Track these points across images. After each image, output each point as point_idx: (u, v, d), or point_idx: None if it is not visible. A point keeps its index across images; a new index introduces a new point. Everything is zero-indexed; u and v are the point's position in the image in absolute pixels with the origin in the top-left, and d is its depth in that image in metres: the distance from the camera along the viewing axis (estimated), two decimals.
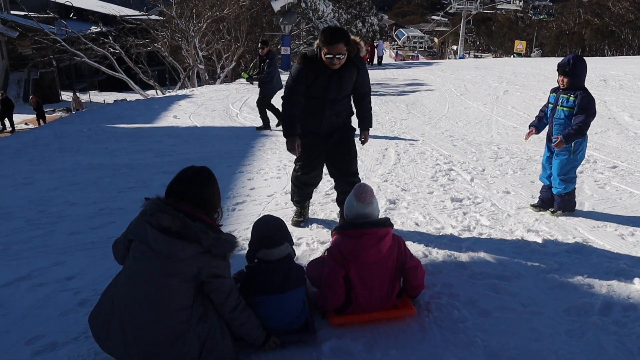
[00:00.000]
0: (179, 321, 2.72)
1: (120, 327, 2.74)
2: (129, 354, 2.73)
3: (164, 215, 2.70)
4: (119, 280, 2.85)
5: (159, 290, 2.70)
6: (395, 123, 11.28)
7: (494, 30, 78.00)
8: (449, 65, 29.14)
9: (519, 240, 4.60)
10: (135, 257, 2.79)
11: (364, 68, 4.59)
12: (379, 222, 3.33)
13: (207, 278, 2.76)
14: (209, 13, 25.19)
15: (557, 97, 5.02)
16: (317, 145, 4.72)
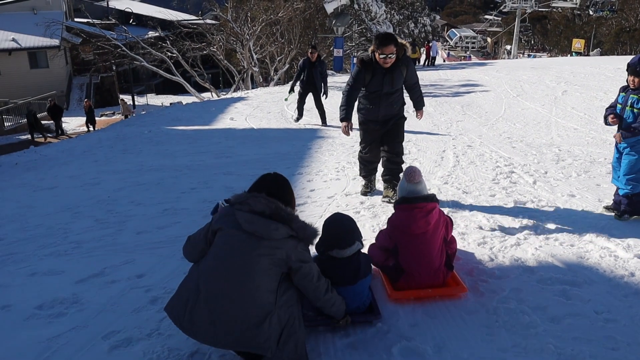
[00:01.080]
0: (267, 301, 2.80)
1: (207, 308, 2.79)
2: (216, 334, 2.77)
3: (257, 200, 2.87)
4: (204, 267, 2.91)
5: (250, 268, 2.79)
6: (452, 124, 11.16)
7: (549, 29, 75.93)
8: (504, 65, 28.56)
9: (588, 244, 4.48)
10: (224, 241, 2.88)
11: (411, 65, 5.63)
12: (427, 197, 3.80)
13: (295, 263, 2.88)
14: (264, 16, 25.53)
15: (627, 97, 4.81)
16: (376, 130, 5.77)
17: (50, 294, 3.99)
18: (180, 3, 30.61)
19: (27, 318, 3.67)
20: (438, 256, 3.69)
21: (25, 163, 11.16)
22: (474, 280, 3.87)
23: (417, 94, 5.92)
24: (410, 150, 8.51)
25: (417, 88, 5.90)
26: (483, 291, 3.70)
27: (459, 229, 4.93)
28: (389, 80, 5.45)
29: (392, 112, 5.68)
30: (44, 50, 32.38)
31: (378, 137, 5.81)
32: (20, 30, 33.03)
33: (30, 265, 4.66)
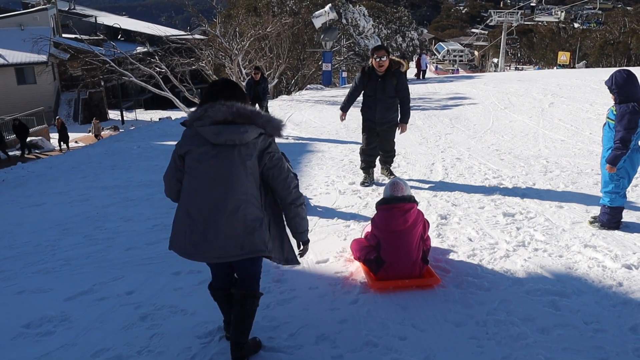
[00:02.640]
0: (256, 207, 2.86)
1: (205, 228, 2.81)
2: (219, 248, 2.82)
3: (216, 110, 2.79)
4: (189, 192, 2.88)
5: (235, 179, 2.80)
6: (440, 137, 11.22)
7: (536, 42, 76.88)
8: (491, 78, 28.80)
9: (577, 255, 4.52)
10: (199, 161, 2.84)
11: (402, 78, 6.74)
12: (404, 198, 4.15)
13: (267, 155, 2.87)
14: (252, 31, 25.61)
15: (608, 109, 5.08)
16: (373, 128, 6.96)
17: (38, 312, 3.95)
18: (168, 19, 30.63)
19: (14, 337, 3.63)
20: (415, 250, 4.06)
21: (12, 180, 11.08)
22: (463, 292, 3.89)
23: (404, 107, 6.87)
24: (399, 163, 8.54)
25: (406, 102, 6.84)
26: (472, 303, 3.71)
27: (448, 241, 4.95)
28: (382, 87, 6.61)
29: (387, 116, 6.82)
30: (32, 66, 32.29)
31: (375, 134, 7.01)
32: (7, 46, 32.92)
33: (18, 283, 4.61)
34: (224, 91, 2.90)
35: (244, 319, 3.05)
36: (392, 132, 7.04)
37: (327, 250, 4.83)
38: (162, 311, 3.83)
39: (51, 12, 39.30)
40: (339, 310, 3.71)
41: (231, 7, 32.72)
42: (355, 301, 3.84)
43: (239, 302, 3.05)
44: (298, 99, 22.05)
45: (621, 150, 4.77)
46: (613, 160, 4.83)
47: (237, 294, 3.07)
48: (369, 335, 3.35)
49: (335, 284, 4.15)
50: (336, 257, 4.68)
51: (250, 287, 3.09)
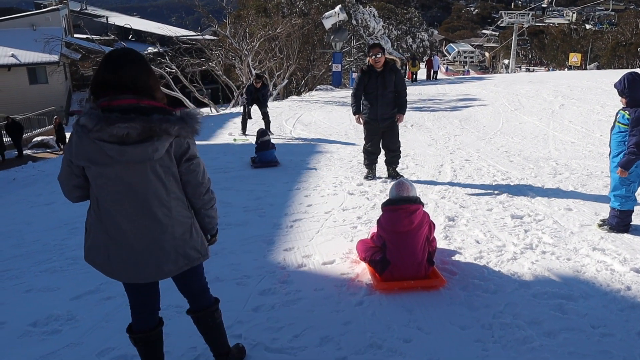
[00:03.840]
0: (183, 209, 2.62)
1: (130, 251, 2.55)
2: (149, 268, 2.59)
3: (115, 127, 2.30)
4: (104, 211, 2.53)
5: (154, 194, 2.50)
6: (449, 139, 11.18)
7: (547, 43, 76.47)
8: (502, 79, 28.68)
9: (584, 258, 4.48)
10: (107, 178, 2.46)
11: (399, 73, 7.13)
12: (410, 199, 4.14)
13: (182, 163, 2.55)
14: (262, 32, 25.64)
15: (617, 113, 5.01)
16: (375, 127, 7.26)
17: (45, 311, 3.98)
18: (179, 19, 30.78)
19: (21, 335, 3.66)
20: (421, 251, 4.06)
21: (23, 179, 11.17)
22: (469, 295, 3.86)
23: (401, 100, 7.18)
24: (407, 164, 8.52)
25: (404, 95, 7.19)
26: (478, 306, 3.69)
27: (455, 243, 4.93)
28: (382, 82, 6.97)
29: (388, 112, 7.12)
30: (43, 66, 32.50)
31: (377, 132, 7.30)
32: (19, 46, 33.18)
33: (26, 282, 4.65)
34: (125, 78, 2.40)
35: (216, 331, 2.96)
36: (395, 129, 7.34)
37: (334, 251, 4.83)
38: (168, 311, 3.83)
39: (63, 12, 39.60)
40: (343, 312, 3.70)
41: (241, 8, 32.78)
42: (360, 303, 3.82)
43: (204, 322, 2.91)
44: (308, 99, 22.06)
45: (636, 155, 4.71)
46: (626, 165, 4.78)
47: (198, 317, 2.90)
48: (373, 337, 3.34)
49: (341, 285, 4.14)
50: (342, 258, 4.67)
51: (205, 303, 2.90)
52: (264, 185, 7.65)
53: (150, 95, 2.46)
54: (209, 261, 4.67)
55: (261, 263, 4.67)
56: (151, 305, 2.84)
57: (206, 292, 2.92)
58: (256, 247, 5.06)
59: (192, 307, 2.92)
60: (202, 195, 2.66)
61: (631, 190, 4.96)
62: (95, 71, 2.48)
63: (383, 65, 6.96)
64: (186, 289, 2.87)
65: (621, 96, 4.87)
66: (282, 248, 5.00)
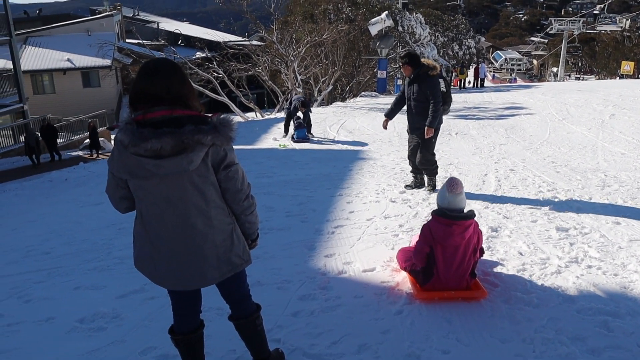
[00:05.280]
0: (225, 222, 2.65)
1: (174, 260, 2.61)
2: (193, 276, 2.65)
3: (149, 142, 2.35)
4: (148, 223, 2.61)
5: (193, 205, 2.55)
6: (494, 148, 11.02)
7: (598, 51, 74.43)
8: (550, 88, 28.10)
9: (633, 274, 4.34)
10: (147, 190, 2.53)
11: (429, 80, 6.73)
12: (467, 215, 3.99)
13: (221, 170, 2.56)
14: (308, 38, 25.85)
15: None
16: (411, 134, 7.17)
17: (91, 308, 4.12)
18: (227, 25, 31.30)
19: (69, 331, 3.80)
20: (467, 264, 3.99)
21: (74, 179, 11.57)
22: (511, 307, 3.80)
23: (431, 109, 6.74)
24: (451, 173, 8.44)
25: (435, 105, 6.73)
26: (520, 319, 3.63)
27: (498, 254, 4.86)
28: (412, 91, 6.86)
29: (416, 122, 6.91)
30: (97, 70, 33.58)
31: (413, 141, 7.15)
32: (75, 51, 34.39)
33: (75, 279, 4.82)
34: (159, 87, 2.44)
35: (257, 337, 2.99)
36: (426, 142, 6.98)
37: (375, 259, 4.83)
38: (209, 313, 3.90)
39: (116, 18, 40.84)
40: (382, 320, 3.70)
41: (288, 14, 33.09)
42: (399, 312, 3.82)
43: (245, 329, 2.95)
44: (352, 105, 22.09)
45: None
46: None
47: (240, 324, 2.94)
48: (411, 347, 3.33)
49: (381, 293, 4.14)
50: (383, 266, 4.66)
51: (248, 310, 2.93)
52: (307, 190, 7.71)
53: (184, 104, 2.49)
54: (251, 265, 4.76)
55: (302, 268, 4.71)
56: (193, 308, 2.91)
57: (248, 299, 2.95)
58: (297, 252, 5.11)
59: (233, 314, 2.96)
60: (242, 202, 2.68)
61: None
62: (132, 82, 2.53)
63: (412, 73, 6.78)
64: (229, 296, 2.91)
65: None
66: (323, 254, 5.04)
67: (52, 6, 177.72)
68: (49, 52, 34.77)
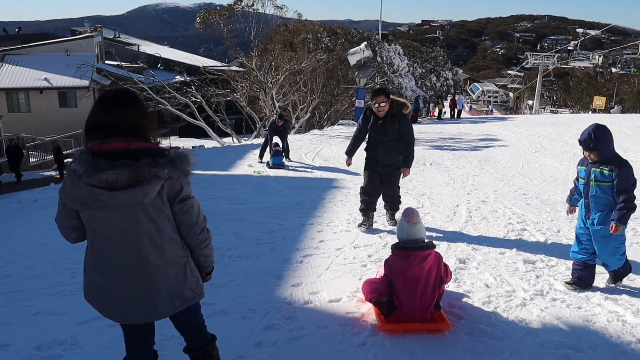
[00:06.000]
0: (178, 249, 2.63)
1: (125, 293, 2.58)
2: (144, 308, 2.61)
3: (104, 174, 2.33)
4: (99, 255, 2.57)
5: (146, 239, 2.52)
6: (468, 179, 11.14)
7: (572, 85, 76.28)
8: (524, 120, 28.60)
9: (596, 307, 4.39)
10: (99, 222, 2.50)
11: (404, 121, 6.51)
12: (423, 245, 4.02)
13: (176, 204, 2.56)
14: (287, 66, 26.04)
15: (588, 171, 4.60)
16: (375, 169, 6.74)
17: (50, 335, 4.02)
18: (207, 50, 31.43)
19: (24, 358, 3.69)
20: (430, 295, 3.99)
21: (44, 200, 11.36)
22: (474, 340, 3.81)
23: (407, 150, 6.68)
24: (423, 204, 8.49)
25: (409, 145, 6.67)
26: (482, 352, 3.63)
27: (464, 286, 4.88)
28: (382, 130, 6.51)
29: (389, 159, 6.65)
30: (74, 90, 33.31)
31: (377, 175, 6.78)
32: (53, 70, 34.09)
33: (35, 304, 4.70)
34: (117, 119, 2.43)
35: None
36: (395, 176, 6.83)
37: (341, 289, 4.80)
38: (171, 342, 3.83)
39: (96, 39, 40.70)
40: (345, 352, 3.67)
41: (268, 42, 33.36)
42: (363, 343, 3.79)
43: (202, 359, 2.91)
44: (329, 133, 22.21)
45: (633, 210, 4.43)
46: (623, 220, 4.41)
47: (195, 356, 2.90)
48: None
49: (346, 324, 4.11)
50: (349, 296, 4.64)
51: (202, 341, 2.90)
52: (279, 218, 7.68)
53: (142, 136, 2.49)
54: (216, 293, 4.71)
55: (268, 297, 4.66)
56: (146, 340, 2.86)
57: (203, 330, 2.92)
58: (264, 281, 5.07)
59: (188, 345, 2.92)
60: (197, 235, 2.67)
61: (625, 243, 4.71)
62: (89, 112, 2.50)
63: (387, 112, 6.44)
64: (182, 328, 2.88)
65: (590, 151, 4.50)
66: (290, 283, 5.00)
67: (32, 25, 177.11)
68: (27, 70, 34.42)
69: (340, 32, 36.27)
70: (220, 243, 6.35)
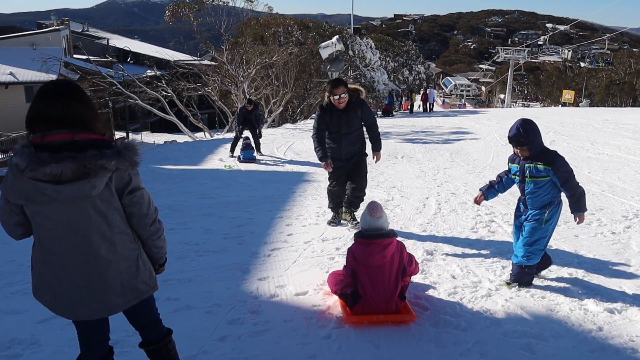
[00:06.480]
0: (129, 242, 2.57)
1: (76, 289, 2.50)
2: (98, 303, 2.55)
3: (48, 167, 2.25)
4: (46, 250, 2.48)
5: (95, 232, 2.46)
6: (438, 172, 11.20)
7: (542, 79, 77.42)
8: (496, 114, 28.92)
9: (559, 297, 4.44)
10: (46, 217, 2.42)
11: (365, 107, 6.32)
12: (383, 234, 4.05)
13: (125, 196, 2.50)
14: (259, 59, 25.89)
15: (522, 167, 4.51)
16: (341, 167, 6.42)
17: (8, 334, 3.90)
18: (177, 44, 31.08)
19: None
20: (393, 285, 4.01)
21: None
22: (439, 331, 3.82)
23: (374, 134, 6.50)
24: (393, 196, 8.51)
25: (375, 129, 6.49)
26: (446, 343, 3.64)
27: (431, 277, 4.89)
28: (345, 121, 6.19)
29: (353, 150, 6.38)
30: (41, 84, 32.60)
31: (343, 173, 6.49)
32: (18, 65, 33.30)
33: None
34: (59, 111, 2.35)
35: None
36: (363, 165, 6.53)
37: (308, 282, 4.78)
38: (134, 338, 3.75)
39: (64, 33, 39.87)
40: (310, 345, 3.64)
41: (239, 36, 33.11)
42: (328, 336, 3.77)
43: (157, 355, 2.85)
44: (302, 127, 22.17)
45: (584, 195, 4.44)
46: (581, 206, 4.44)
47: (151, 350, 2.84)
48: None
49: (311, 317, 4.09)
50: (316, 289, 4.62)
51: (158, 335, 2.84)
52: (248, 212, 7.62)
53: (86, 127, 2.41)
54: (181, 288, 4.65)
55: (234, 292, 4.61)
56: (100, 336, 2.78)
57: (158, 324, 2.86)
58: (231, 275, 5.02)
59: (144, 340, 2.87)
60: (148, 227, 2.62)
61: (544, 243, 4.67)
62: (30, 104, 2.40)
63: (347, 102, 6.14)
64: (137, 322, 2.82)
65: (521, 146, 4.38)
66: (257, 277, 4.96)
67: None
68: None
69: (312, 25, 36.23)
70: (187, 238, 6.28)
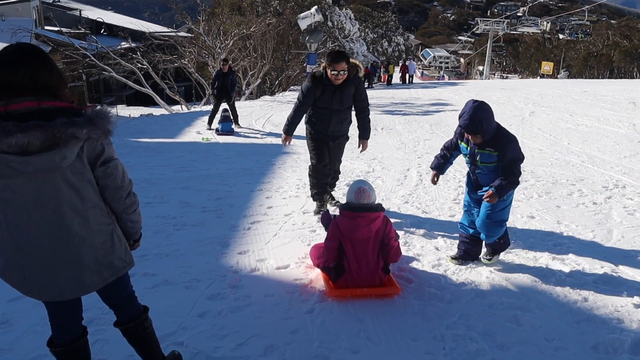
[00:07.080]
0: (104, 222, 2.43)
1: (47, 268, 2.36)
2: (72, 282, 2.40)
3: (13, 137, 2.07)
4: (12, 223, 2.30)
5: (67, 206, 2.30)
6: (419, 143, 11.12)
7: (521, 51, 77.56)
8: (475, 85, 28.91)
9: (544, 268, 4.40)
10: (13, 192, 2.23)
11: (361, 85, 5.73)
12: (371, 207, 3.92)
13: (98, 167, 2.34)
14: (236, 30, 25.40)
15: (473, 152, 4.23)
16: (325, 141, 5.83)
17: None
18: (152, 15, 30.35)
19: None
20: (377, 259, 3.93)
21: None
22: (424, 304, 3.75)
23: (364, 120, 5.93)
24: (374, 168, 8.42)
25: (366, 114, 5.90)
26: (432, 316, 3.57)
27: (414, 249, 4.82)
28: (339, 98, 5.54)
29: (340, 129, 5.83)
30: None
31: (326, 147, 5.91)
32: None
33: None
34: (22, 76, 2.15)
35: (148, 341, 2.79)
36: (342, 148, 6.09)
37: (289, 255, 4.68)
38: (109, 316, 3.61)
39: (34, 3, 38.70)
40: (292, 320, 3.55)
41: (215, 6, 32.46)
42: (310, 310, 3.68)
43: (134, 334, 2.75)
44: (280, 99, 21.91)
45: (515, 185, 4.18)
46: (502, 192, 4.10)
47: (127, 329, 2.72)
48: (320, 348, 3.20)
49: (293, 291, 3.99)
50: (297, 263, 4.52)
51: (134, 313, 2.73)
52: (227, 185, 7.46)
53: (53, 94, 2.21)
54: (159, 263, 4.52)
55: (213, 266, 4.49)
56: (73, 316, 2.64)
57: (133, 301, 2.74)
58: (210, 249, 4.88)
59: (119, 319, 2.74)
60: (123, 200, 2.47)
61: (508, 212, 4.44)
62: None
63: None
64: (112, 301, 2.68)
65: (474, 135, 4.08)
66: (237, 251, 4.83)
67: None
68: None
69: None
70: (164, 211, 6.12)
